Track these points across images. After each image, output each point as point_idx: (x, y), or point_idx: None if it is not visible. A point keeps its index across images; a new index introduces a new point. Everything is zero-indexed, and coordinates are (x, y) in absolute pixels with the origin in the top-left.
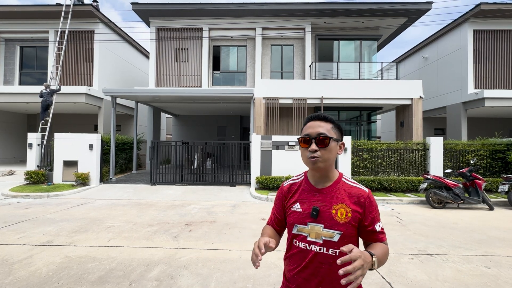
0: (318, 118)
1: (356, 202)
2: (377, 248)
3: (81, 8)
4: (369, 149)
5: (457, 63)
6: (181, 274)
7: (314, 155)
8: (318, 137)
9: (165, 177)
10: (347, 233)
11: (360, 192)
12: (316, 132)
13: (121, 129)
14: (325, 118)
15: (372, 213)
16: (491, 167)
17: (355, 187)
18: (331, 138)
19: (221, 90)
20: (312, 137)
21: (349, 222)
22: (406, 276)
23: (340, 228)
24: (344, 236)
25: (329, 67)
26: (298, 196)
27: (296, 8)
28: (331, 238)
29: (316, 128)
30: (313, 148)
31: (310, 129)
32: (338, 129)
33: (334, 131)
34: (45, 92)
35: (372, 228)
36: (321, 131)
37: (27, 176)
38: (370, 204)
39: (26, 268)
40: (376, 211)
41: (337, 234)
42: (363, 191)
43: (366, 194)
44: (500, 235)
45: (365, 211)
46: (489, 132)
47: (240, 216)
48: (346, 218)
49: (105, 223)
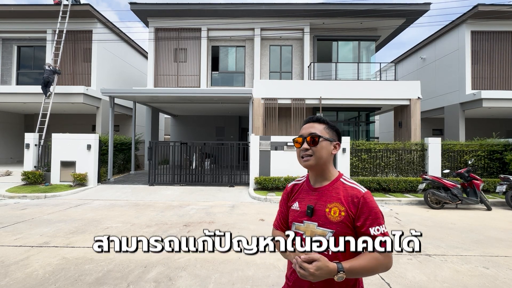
0: (311, 120)
1: (350, 201)
2: (361, 258)
3: (79, 7)
4: (368, 150)
5: (455, 64)
6: (180, 275)
7: (305, 154)
8: (309, 136)
9: (164, 178)
10: (339, 232)
11: (356, 191)
12: (307, 132)
13: (119, 129)
14: (318, 120)
15: (365, 214)
16: (488, 167)
17: (352, 187)
18: (321, 137)
19: (219, 90)
20: (304, 137)
21: (342, 221)
22: (405, 277)
23: (333, 226)
24: (337, 235)
25: (327, 67)
26: (297, 195)
27: (295, 9)
28: (324, 237)
29: (308, 129)
30: (304, 147)
31: (303, 130)
32: (332, 129)
33: (327, 131)
34: (47, 69)
35: (365, 230)
36: (312, 131)
37: (24, 177)
38: (364, 204)
39: (22, 269)
40: (372, 213)
41: (329, 232)
42: (359, 191)
43: (361, 194)
44: (498, 235)
45: (358, 212)
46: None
47: (239, 217)
48: (339, 217)
49: (102, 224)
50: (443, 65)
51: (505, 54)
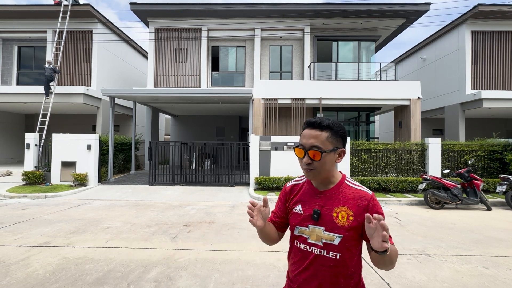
0: (313, 126)
1: (359, 205)
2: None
3: (79, 8)
4: (368, 150)
5: (455, 64)
6: (180, 275)
7: (307, 167)
8: (311, 150)
9: (164, 178)
10: (348, 236)
11: (363, 194)
12: (309, 144)
13: (119, 129)
14: (321, 127)
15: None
16: (488, 167)
17: (358, 190)
18: (325, 152)
19: (220, 90)
20: (305, 149)
21: (350, 225)
22: (405, 277)
23: (341, 231)
24: (345, 239)
25: (327, 67)
26: (299, 197)
27: (295, 9)
28: (332, 241)
29: (310, 140)
30: (306, 161)
31: (304, 139)
32: (336, 135)
33: (330, 140)
34: (48, 68)
35: None
36: (314, 144)
37: (25, 177)
38: (373, 206)
39: (23, 269)
40: (380, 213)
41: (337, 237)
42: (366, 193)
43: (369, 197)
44: (498, 235)
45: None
46: (486, 133)
47: (239, 217)
48: (347, 222)
49: (103, 224)
50: (443, 65)
51: (505, 54)
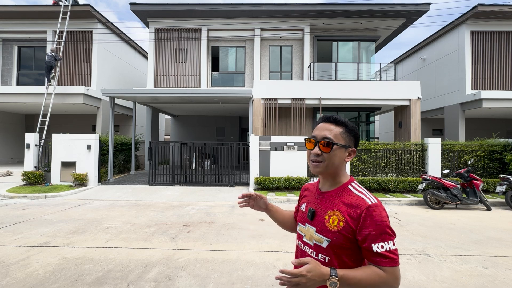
0: (329, 120)
1: (353, 212)
2: (360, 270)
3: (79, 8)
4: (368, 150)
5: (454, 64)
6: (179, 275)
7: (316, 159)
8: (323, 140)
9: (164, 178)
10: (336, 242)
11: (360, 202)
12: (322, 135)
13: (119, 129)
14: (336, 121)
15: (368, 229)
16: (488, 167)
17: (358, 197)
18: (337, 144)
19: (219, 90)
20: (317, 140)
21: (340, 231)
22: (404, 277)
23: (329, 235)
24: (333, 245)
25: (327, 68)
26: (306, 196)
27: (294, 9)
28: (321, 244)
29: (323, 131)
30: (316, 152)
31: (318, 131)
32: (350, 134)
33: (344, 136)
34: (49, 55)
35: (366, 245)
36: (327, 135)
37: (25, 177)
38: (368, 217)
39: (22, 269)
40: (378, 228)
41: (325, 240)
42: (364, 202)
43: (365, 205)
44: (497, 235)
45: (360, 224)
46: (486, 133)
47: (239, 217)
48: (336, 227)
49: (103, 224)
50: (443, 65)
51: (505, 54)
